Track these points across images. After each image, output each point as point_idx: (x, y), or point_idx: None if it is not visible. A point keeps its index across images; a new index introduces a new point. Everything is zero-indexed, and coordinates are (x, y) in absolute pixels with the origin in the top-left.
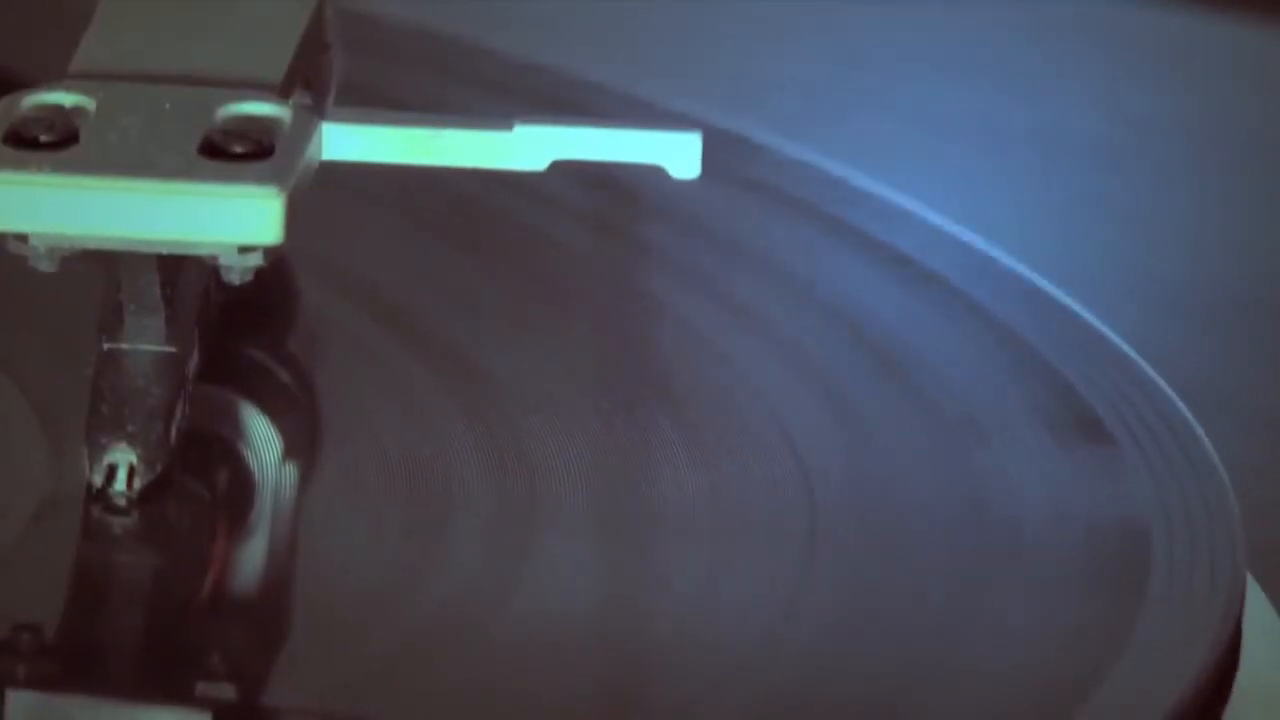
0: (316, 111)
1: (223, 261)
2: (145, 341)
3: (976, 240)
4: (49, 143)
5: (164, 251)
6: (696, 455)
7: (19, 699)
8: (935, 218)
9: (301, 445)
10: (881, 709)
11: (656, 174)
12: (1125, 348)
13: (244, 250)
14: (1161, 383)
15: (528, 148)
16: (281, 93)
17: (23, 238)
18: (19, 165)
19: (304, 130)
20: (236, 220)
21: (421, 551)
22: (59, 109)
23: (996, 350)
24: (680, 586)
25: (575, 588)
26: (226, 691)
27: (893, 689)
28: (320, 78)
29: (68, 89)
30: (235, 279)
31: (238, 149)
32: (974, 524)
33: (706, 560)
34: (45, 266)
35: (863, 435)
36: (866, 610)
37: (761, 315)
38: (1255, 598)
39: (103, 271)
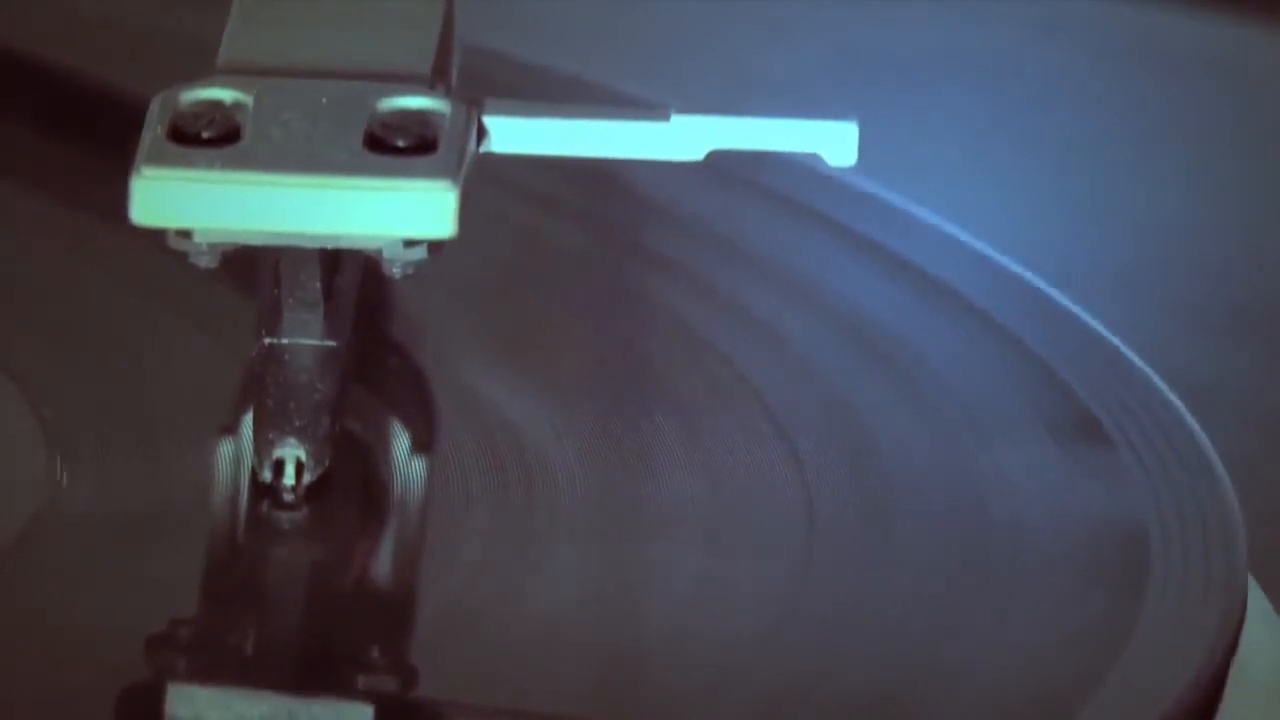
0: (472, 104)
1: (386, 255)
2: (305, 336)
3: (975, 241)
4: (211, 139)
5: (327, 246)
6: (695, 455)
7: (179, 691)
8: (934, 218)
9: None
10: (881, 709)
11: (657, 174)
12: (1125, 349)
13: (410, 244)
14: (1161, 383)
15: (685, 138)
16: (430, 84)
17: (185, 233)
18: (185, 162)
19: (465, 123)
20: (411, 214)
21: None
22: (218, 104)
23: (996, 351)
24: (679, 586)
25: (574, 586)
26: (388, 684)
27: (892, 689)
28: (448, 67)
29: (222, 84)
30: (397, 272)
31: (400, 143)
32: (973, 525)
33: (706, 560)
34: (206, 263)
35: (862, 436)
36: (866, 610)
37: (761, 316)
38: (1255, 598)
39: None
